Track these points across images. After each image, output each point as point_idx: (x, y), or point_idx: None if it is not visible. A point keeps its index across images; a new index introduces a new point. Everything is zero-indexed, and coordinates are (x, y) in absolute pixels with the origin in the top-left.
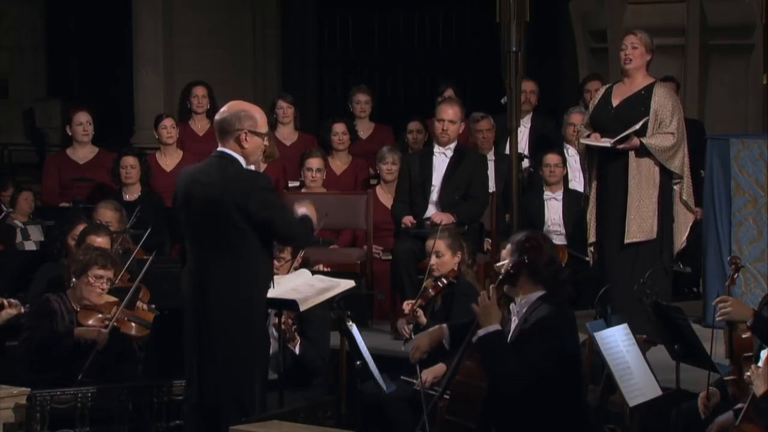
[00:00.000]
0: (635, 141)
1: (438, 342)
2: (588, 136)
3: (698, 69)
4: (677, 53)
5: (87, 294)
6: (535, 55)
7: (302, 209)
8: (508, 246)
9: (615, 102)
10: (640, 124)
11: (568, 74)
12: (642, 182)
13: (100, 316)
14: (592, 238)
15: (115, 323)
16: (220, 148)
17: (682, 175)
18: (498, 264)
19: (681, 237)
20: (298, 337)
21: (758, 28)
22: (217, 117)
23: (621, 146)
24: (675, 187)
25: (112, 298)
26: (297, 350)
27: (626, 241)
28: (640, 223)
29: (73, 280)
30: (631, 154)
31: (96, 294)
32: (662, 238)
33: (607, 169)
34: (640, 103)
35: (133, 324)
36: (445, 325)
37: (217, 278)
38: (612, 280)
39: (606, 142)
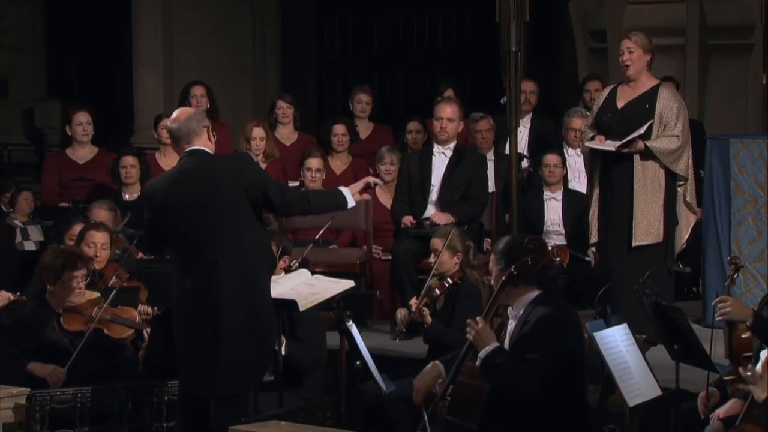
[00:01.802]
0: (640, 144)
1: (436, 379)
2: (592, 138)
3: (698, 69)
4: (677, 53)
5: (67, 296)
6: (535, 55)
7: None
8: (492, 256)
9: (620, 104)
10: (645, 127)
11: (568, 74)
12: (647, 185)
13: (82, 316)
14: (594, 239)
15: (97, 325)
16: (189, 148)
17: (687, 176)
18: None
19: (682, 238)
20: (283, 338)
21: (758, 28)
22: (177, 122)
23: (626, 150)
24: (679, 189)
25: (95, 295)
26: (283, 351)
27: (634, 244)
28: (647, 227)
29: (48, 286)
30: (636, 157)
31: (76, 294)
32: (667, 240)
33: (612, 172)
34: (644, 105)
35: (116, 324)
36: (438, 361)
37: (229, 263)
38: (616, 282)
39: (610, 146)
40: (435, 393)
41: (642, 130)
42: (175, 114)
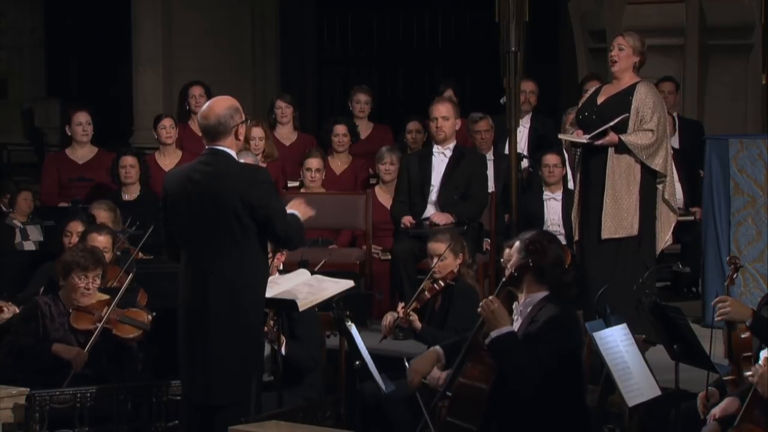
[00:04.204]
0: (613, 137)
1: (434, 364)
2: (572, 134)
3: (697, 69)
4: (676, 53)
5: (74, 296)
6: (535, 56)
7: (291, 209)
8: (517, 243)
9: (600, 100)
10: (617, 120)
11: (568, 74)
12: (619, 178)
13: (92, 316)
14: (576, 236)
15: (106, 325)
16: (212, 146)
17: (666, 173)
18: (504, 260)
19: (664, 236)
20: (282, 338)
21: (757, 28)
22: (206, 120)
23: (598, 142)
24: (659, 186)
25: (104, 297)
26: (283, 350)
27: (603, 237)
28: (618, 220)
29: (61, 280)
30: (611, 150)
31: (83, 295)
32: (642, 234)
33: (589, 167)
34: (621, 101)
35: (126, 325)
36: (438, 347)
37: (221, 273)
38: (593, 278)
39: (582, 138)
40: (431, 380)
41: (612, 123)
42: (206, 108)
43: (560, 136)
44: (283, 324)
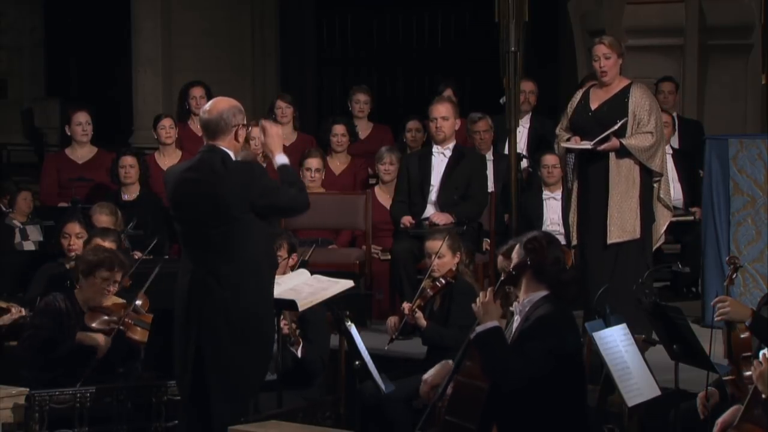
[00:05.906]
0: (615, 142)
1: (446, 377)
2: (568, 139)
3: (697, 69)
4: (676, 53)
5: (93, 295)
6: (535, 56)
7: (279, 156)
8: (517, 246)
9: (593, 105)
10: (619, 124)
11: (568, 74)
12: (622, 182)
13: (106, 318)
14: (574, 241)
15: (121, 327)
16: (211, 144)
17: (662, 173)
18: (499, 267)
19: (658, 234)
20: (301, 340)
21: (757, 28)
22: (208, 116)
23: (601, 147)
24: (654, 185)
25: (120, 300)
26: (299, 353)
27: (609, 242)
28: (621, 224)
29: (81, 279)
30: (612, 154)
31: (102, 296)
32: (644, 237)
33: (588, 171)
34: (617, 104)
35: (138, 328)
36: (451, 361)
37: (226, 275)
38: (595, 281)
39: (587, 145)
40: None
41: (616, 127)
42: (210, 104)
43: (564, 144)
44: (299, 326)
